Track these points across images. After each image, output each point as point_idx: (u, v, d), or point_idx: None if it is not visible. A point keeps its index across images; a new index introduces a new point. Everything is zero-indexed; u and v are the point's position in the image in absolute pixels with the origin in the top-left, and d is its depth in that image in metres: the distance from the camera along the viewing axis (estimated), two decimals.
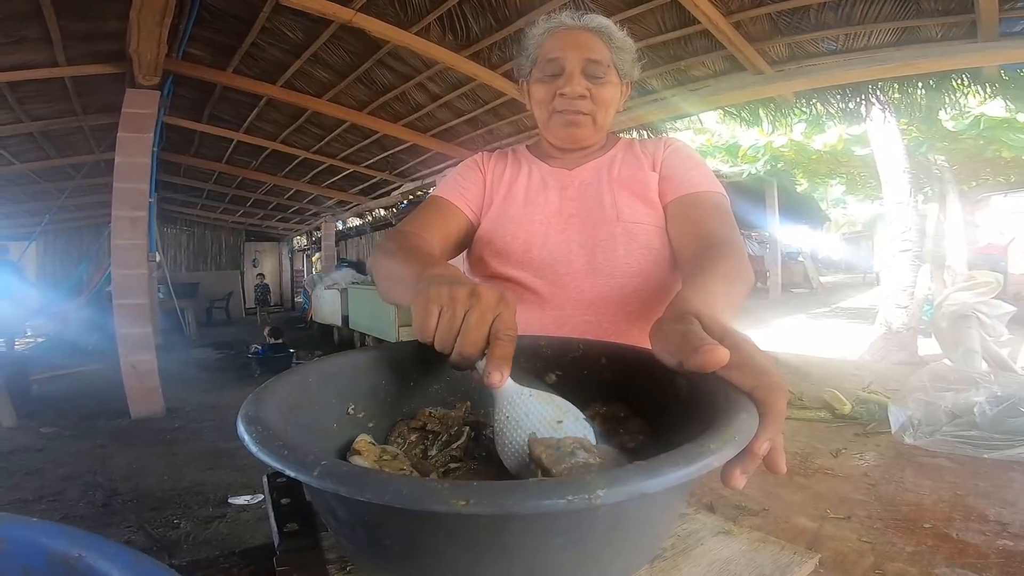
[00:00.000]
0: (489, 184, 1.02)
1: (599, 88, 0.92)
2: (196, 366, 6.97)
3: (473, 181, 1.02)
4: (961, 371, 3.44)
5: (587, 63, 0.91)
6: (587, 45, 0.92)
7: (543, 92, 0.94)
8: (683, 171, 0.93)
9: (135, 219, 4.36)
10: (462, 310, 0.50)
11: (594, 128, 0.95)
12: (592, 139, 0.98)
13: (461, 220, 0.98)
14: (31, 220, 8.62)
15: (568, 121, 0.93)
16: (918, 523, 1.56)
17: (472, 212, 0.99)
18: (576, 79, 0.91)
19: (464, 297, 0.50)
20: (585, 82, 0.91)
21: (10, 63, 4.06)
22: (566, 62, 0.91)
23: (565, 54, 0.91)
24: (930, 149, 7.79)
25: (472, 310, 0.50)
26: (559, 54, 0.92)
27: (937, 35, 3.19)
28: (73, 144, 6.24)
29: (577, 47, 0.91)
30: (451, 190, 1.00)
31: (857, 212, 18.61)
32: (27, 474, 3.18)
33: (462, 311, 0.50)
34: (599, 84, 0.92)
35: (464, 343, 0.49)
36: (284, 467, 0.33)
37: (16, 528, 0.27)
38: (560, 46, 0.92)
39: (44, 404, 4.78)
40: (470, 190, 1.00)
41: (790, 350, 5.96)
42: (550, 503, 0.27)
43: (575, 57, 0.91)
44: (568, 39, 0.92)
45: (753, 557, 0.53)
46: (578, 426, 0.48)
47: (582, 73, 0.91)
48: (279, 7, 3.73)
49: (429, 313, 0.50)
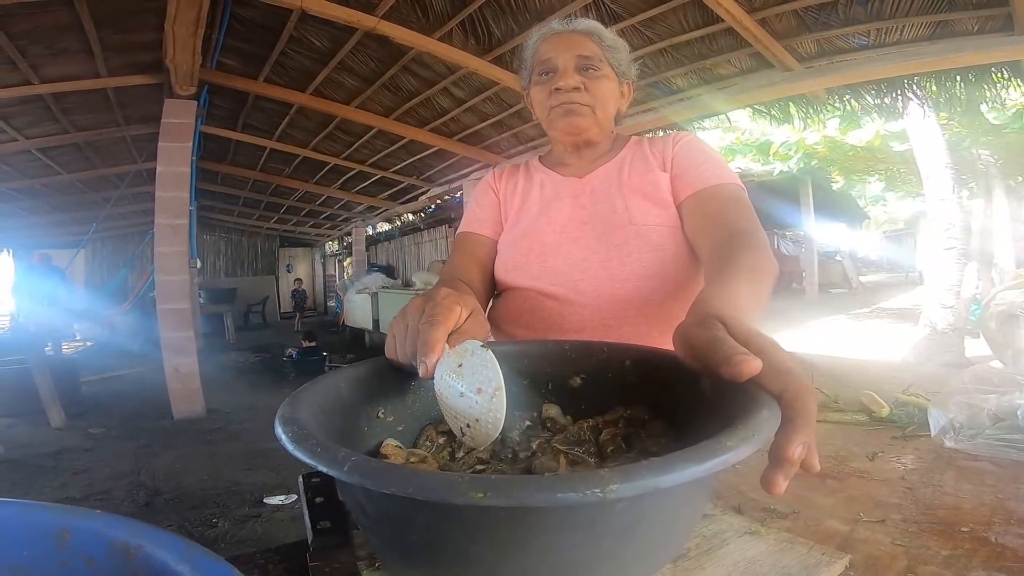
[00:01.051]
0: (503, 202, 1.06)
1: (594, 81, 0.94)
2: (235, 369, 7.17)
3: (489, 205, 1.07)
4: (1005, 373, 3.29)
5: (578, 59, 0.94)
6: (577, 44, 0.95)
7: (541, 93, 0.97)
8: (695, 166, 0.92)
9: (176, 227, 4.52)
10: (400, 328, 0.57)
11: (595, 120, 0.96)
12: (594, 132, 0.98)
13: (487, 246, 1.03)
14: (79, 228, 9.00)
15: (566, 110, 0.94)
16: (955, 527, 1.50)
17: (495, 233, 1.04)
18: (569, 73, 0.93)
19: (400, 323, 0.58)
20: (579, 76, 0.93)
21: (53, 74, 4.26)
22: (559, 60, 0.94)
23: (557, 53, 0.95)
24: (973, 143, 7.49)
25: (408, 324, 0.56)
26: (551, 54, 0.95)
27: (973, 28, 3.09)
28: (116, 154, 6.51)
29: (568, 47, 0.95)
30: (472, 221, 1.06)
31: (898, 209, 17.98)
32: (75, 473, 3.32)
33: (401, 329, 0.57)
34: (593, 77, 0.94)
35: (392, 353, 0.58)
36: (317, 463, 0.34)
37: (79, 520, 0.29)
38: (552, 48, 0.96)
39: (92, 405, 4.98)
40: (488, 215, 1.05)
41: (827, 352, 5.80)
42: (563, 496, 0.28)
43: (567, 55, 0.94)
44: (558, 41, 0.96)
45: (780, 557, 0.53)
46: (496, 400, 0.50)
47: (575, 68, 0.94)
48: (305, 16, 3.84)
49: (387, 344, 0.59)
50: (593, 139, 1.00)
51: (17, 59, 3.86)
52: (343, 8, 3.65)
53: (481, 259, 1.01)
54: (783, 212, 10.76)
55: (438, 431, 0.60)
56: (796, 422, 0.39)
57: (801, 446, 0.39)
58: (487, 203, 1.07)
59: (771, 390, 0.41)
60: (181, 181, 4.54)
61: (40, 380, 4.23)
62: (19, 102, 4.57)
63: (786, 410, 0.39)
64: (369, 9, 3.69)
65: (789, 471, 0.39)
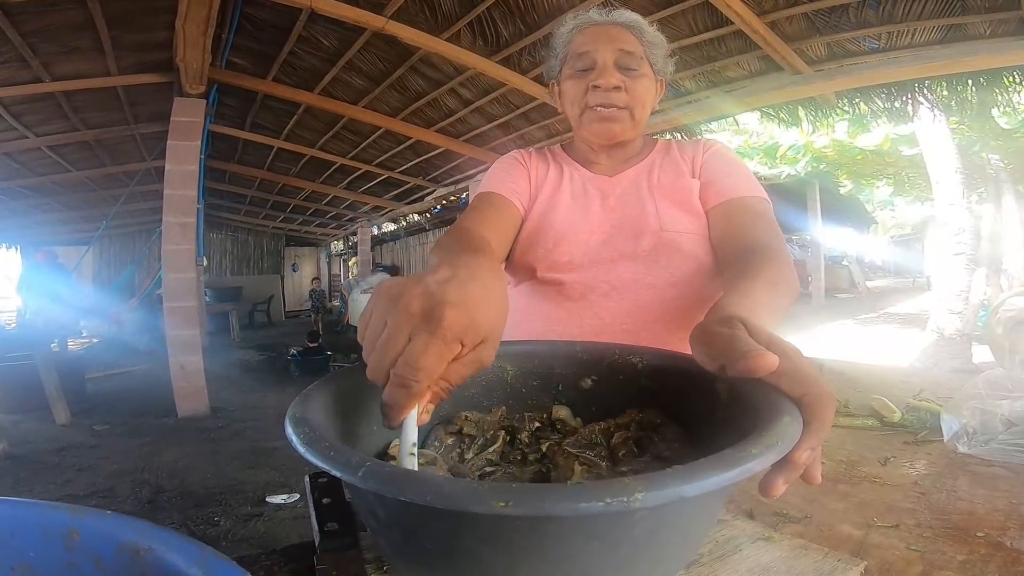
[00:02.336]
0: (534, 181, 1.00)
1: (634, 81, 0.89)
2: (239, 367, 7.19)
3: (520, 176, 0.99)
4: (1018, 378, 3.28)
5: (620, 55, 0.88)
6: (618, 38, 0.89)
7: (575, 88, 0.91)
8: (724, 176, 0.91)
9: (184, 225, 4.53)
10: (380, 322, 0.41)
11: (632, 123, 0.92)
12: (629, 135, 0.94)
13: (515, 213, 0.96)
14: (88, 226, 9.06)
15: (603, 116, 0.90)
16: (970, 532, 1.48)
17: (522, 205, 0.97)
18: (609, 70, 0.88)
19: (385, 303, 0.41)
20: (619, 75, 0.88)
21: (65, 72, 4.29)
22: (598, 54, 0.89)
23: (596, 47, 0.89)
24: (983, 148, 7.45)
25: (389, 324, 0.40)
26: (590, 47, 0.89)
27: (985, 32, 3.07)
28: (126, 152, 6.55)
29: (609, 40, 0.89)
30: (500, 184, 0.97)
31: (906, 214, 17.87)
32: (79, 470, 3.33)
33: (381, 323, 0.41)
34: (634, 77, 0.89)
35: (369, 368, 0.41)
36: (330, 467, 0.34)
37: (89, 520, 0.29)
38: (590, 40, 0.90)
39: (98, 402, 5.01)
40: (519, 183, 0.98)
41: (835, 356, 5.76)
42: (588, 506, 0.27)
43: (607, 49, 0.88)
44: (598, 33, 0.90)
45: (793, 564, 0.52)
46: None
47: (615, 65, 0.88)
48: (314, 16, 3.85)
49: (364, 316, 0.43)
50: (626, 141, 0.97)
51: (29, 57, 3.88)
52: (352, 8, 3.66)
53: (504, 224, 0.93)
54: (790, 216, 10.73)
55: (447, 431, 0.59)
56: (811, 428, 0.38)
57: (809, 451, 0.38)
58: (519, 175, 0.99)
59: (791, 394, 0.40)
60: (189, 179, 4.55)
61: (46, 377, 4.24)
62: (30, 100, 4.60)
63: (803, 415, 0.39)
64: (378, 9, 3.69)
65: (792, 475, 0.39)
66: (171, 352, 4.47)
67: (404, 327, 0.40)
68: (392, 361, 0.39)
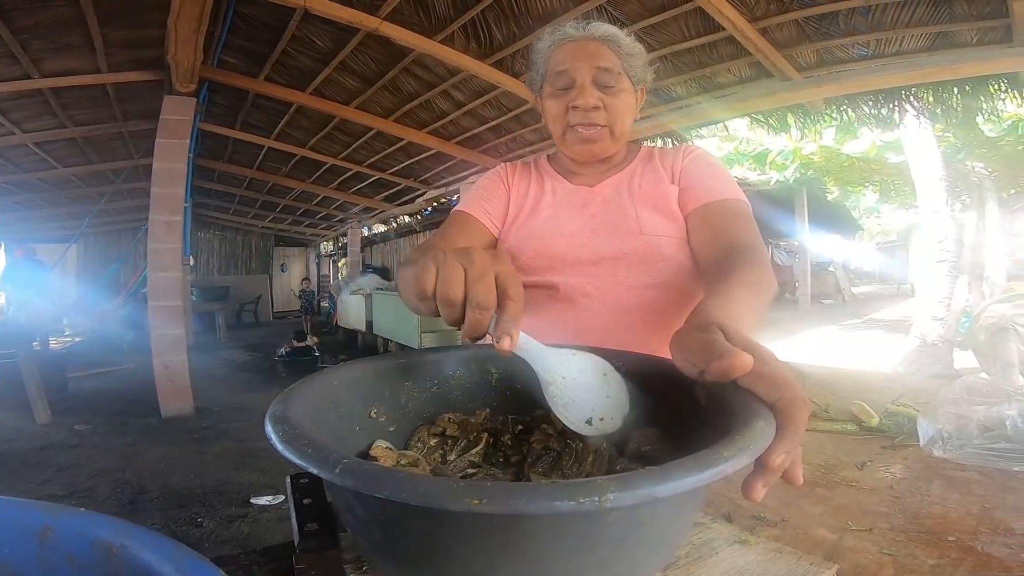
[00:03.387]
0: (513, 198, 1.02)
1: (612, 98, 0.91)
2: (225, 367, 7.13)
3: (497, 195, 1.02)
4: (994, 384, 3.33)
5: (597, 72, 0.90)
6: (596, 54, 0.90)
7: (556, 107, 0.93)
8: (703, 180, 0.92)
9: (171, 223, 4.49)
10: (457, 267, 0.45)
11: (612, 140, 0.94)
12: (610, 151, 0.97)
13: (484, 235, 0.99)
14: (72, 223, 8.94)
15: (584, 138, 0.92)
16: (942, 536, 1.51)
17: (495, 227, 1.00)
18: (588, 90, 0.89)
19: (453, 257, 0.46)
20: (597, 93, 0.90)
21: (55, 69, 4.24)
22: (576, 73, 0.90)
23: (573, 65, 0.90)
24: (968, 155, 7.56)
25: (469, 268, 0.45)
26: (567, 66, 0.90)
27: (972, 39, 3.12)
28: (113, 149, 6.48)
29: (586, 57, 0.90)
30: (474, 205, 1.00)
31: (891, 221, 18.10)
32: (60, 470, 3.28)
33: (458, 267, 0.45)
34: (612, 93, 0.91)
35: (473, 294, 0.45)
36: (307, 465, 0.34)
37: (62, 517, 0.29)
38: (568, 58, 0.91)
39: (79, 401, 4.94)
40: (493, 204, 1.01)
41: (819, 362, 5.82)
42: (561, 504, 0.28)
43: (584, 67, 0.89)
44: (575, 50, 0.91)
45: (768, 567, 0.53)
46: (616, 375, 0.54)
47: (593, 83, 0.90)
48: (308, 16, 3.83)
49: (426, 271, 0.46)
50: (608, 157, 0.99)
51: (19, 54, 3.83)
52: (346, 8, 3.65)
53: (472, 241, 0.96)
54: (778, 221, 10.82)
55: (430, 432, 0.60)
56: (784, 432, 0.39)
57: (785, 455, 0.39)
58: (496, 193, 1.02)
59: (766, 399, 0.41)
60: (178, 178, 4.51)
61: (27, 375, 4.18)
62: (18, 97, 4.53)
63: (777, 419, 0.40)
64: (372, 10, 3.69)
65: (770, 479, 0.40)
66: (155, 351, 4.42)
67: (487, 264, 0.46)
68: (492, 285, 0.45)
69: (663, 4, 3.40)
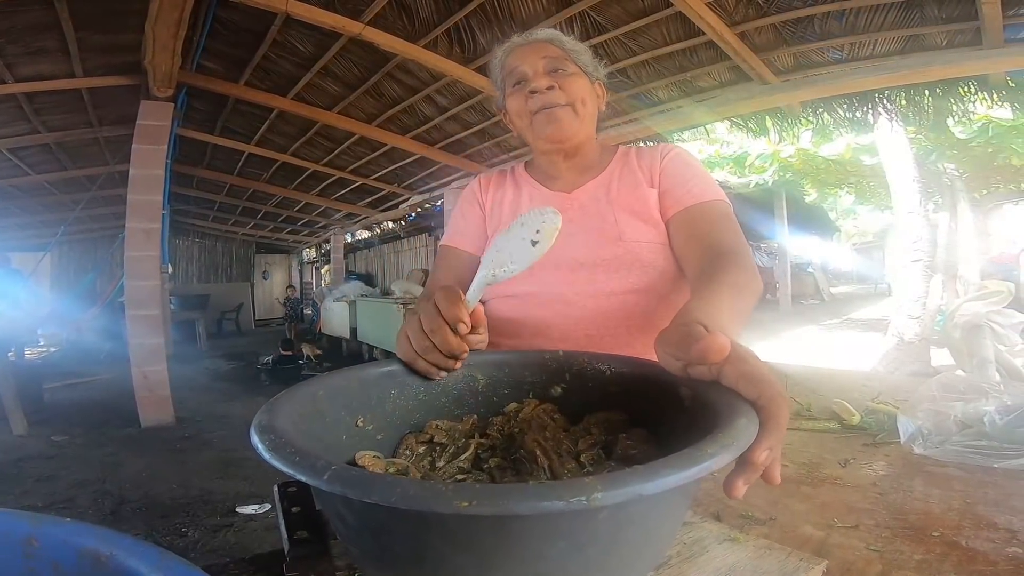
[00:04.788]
0: (488, 213, 1.05)
1: (566, 79, 0.94)
2: (206, 376, 7.02)
3: (473, 217, 1.06)
4: (971, 381, 3.41)
5: (546, 61, 0.95)
6: (541, 49, 0.96)
7: (517, 102, 0.97)
8: (683, 182, 0.93)
9: (149, 231, 4.42)
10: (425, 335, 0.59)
11: (577, 119, 0.95)
12: (579, 133, 0.97)
13: (471, 263, 1.01)
14: (46, 231, 8.73)
15: (549, 116, 0.94)
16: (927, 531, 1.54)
17: (478, 249, 1.03)
18: (540, 75, 0.94)
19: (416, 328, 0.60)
20: (549, 78, 0.94)
21: (28, 74, 4.15)
22: (526, 66, 0.95)
23: (523, 60, 0.96)
24: (940, 157, 7.74)
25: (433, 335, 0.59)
26: (518, 63, 0.96)
27: (942, 43, 3.20)
28: (88, 155, 6.34)
29: (533, 52, 0.96)
30: (456, 235, 1.06)
31: (868, 222, 18.47)
32: (38, 481, 3.21)
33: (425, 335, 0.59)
34: (564, 76, 0.94)
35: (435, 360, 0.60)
36: (296, 473, 0.34)
37: (47, 527, 0.28)
38: (518, 58, 0.97)
39: (56, 412, 4.82)
40: (471, 228, 1.05)
41: (800, 362, 5.90)
42: (549, 504, 0.28)
43: (533, 59, 0.95)
44: (523, 51, 0.97)
45: (758, 564, 0.54)
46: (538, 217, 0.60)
47: (544, 71, 0.95)
48: (290, 20, 3.80)
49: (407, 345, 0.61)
50: (580, 144, 0.99)
51: None
52: (329, 13, 3.63)
53: (461, 274, 1.00)
54: (758, 224, 10.99)
55: (418, 440, 0.59)
56: (766, 428, 0.40)
57: (767, 451, 0.39)
58: (471, 215, 1.06)
59: (748, 397, 0.42)
60: (155, 184, 4.44)
61: (2, 385, 4.08)
62: None
63: (759, 416, 0.40)
64: (355, 15, 3.67)
65: (751, 476, 0.40)
66: (134, 361, 4.34)
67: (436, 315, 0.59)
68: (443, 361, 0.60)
69: (644, 9, 3.43)
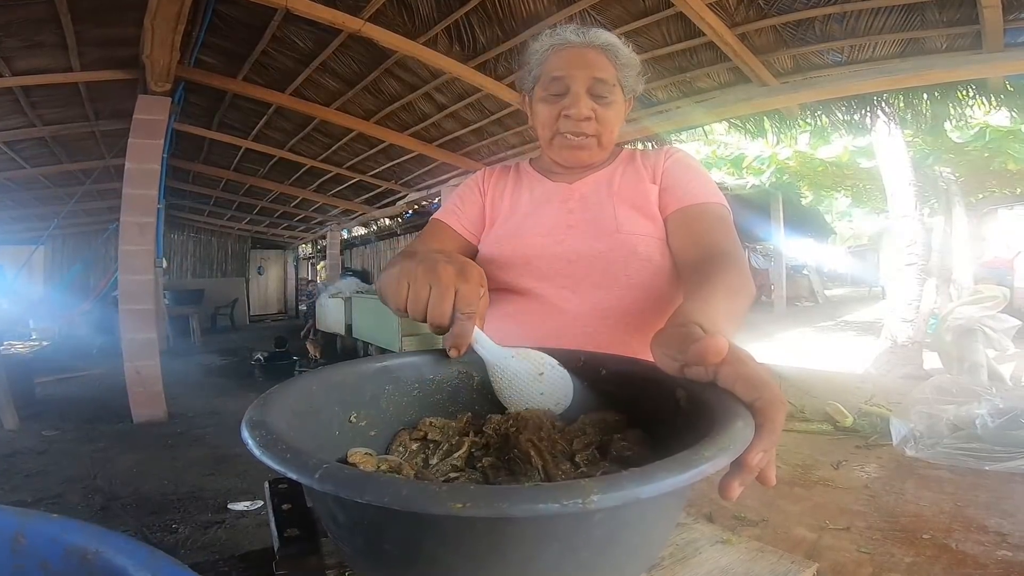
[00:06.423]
0: (489, 204, 1.03)
1: (605, 109, 0.91)
2: (200, 372, 6.99)
3: (472, 203, 1.03)
4: (963, 384, 3.43)
5: (593, 82, 0.89)
6: (593, 64, 0.90)
7: (547, 112, 0.93)
8: (684, 182, 0.93)
9: (143, 225, 4.39)
10: (424, 286, 0.56)
11: (599, 149, 0.95)
12: (596, 159, 0.97)
13: (460, 243, 1.00)
14: (40, 224, 8.68)
15: (572, 145, 0.92)
16: (917, 534, 1.55)
17: (470, 235, 1.01)
18: (583, 100, 0.89)
19: (423, 274, 0.56)
20: (591, 103, 0.90)
21: (26, 67, 4.12)
22: (572, 82, 0.89)
23: (570, 72, 0.89)
24: (936, 161, 7.77)
25: (434, 287, 0.55)
26: (564, 72, 0.90)
27: (942, 46, 3.20)
28: (84, 149, 6.30)
29: (583, 66, 0.90)
30: (450, 213, 1.02)
31: (863, 225, 18.55)
32: (27, 476, 3.19)
33: (425, 287, 0.56)
34: (605, 104, 0.91)
35: (432, 318, 0.56)
36: (287, 470, 0.33)
37: (35, 523, 0.28)
38: (565, 64, 0.90)
39: (47, 407, 4.80)
40: (468, 213, 1.02)
41: (794, 364, 5.93)
42: (544, 507, 0.28)
43: (581, 76, 0.89)
44: (573, 57, 0.91)
45: (751, 566, 0.53)
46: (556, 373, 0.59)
47: (588, 93, 0.89)
48: (290, 16, 3.79)
49: (400, 287, 0.57)
50: (592, 164, 0.99)
51: None
52: (329, 9, 3.61)
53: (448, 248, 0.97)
54: (755, 226, 11.01)
55: (412, 437, 0.59)
56: (762, 431, 0.40)
57: (762, 454, 0.39)
58: (471, 201, 1.04)
59: (744, 399, 0.42)
60: (151, 179, 4.41)
61: None
62: None
63: (755, 418, 0.40)
64: (355, 11, 3.65)
65: (747, 478, 0.40)
66: (126, 356, 4.31)
67: (449, 284, 0.55)
68: (449, 307, 0.55)
69: (645, 9, 3.44)
